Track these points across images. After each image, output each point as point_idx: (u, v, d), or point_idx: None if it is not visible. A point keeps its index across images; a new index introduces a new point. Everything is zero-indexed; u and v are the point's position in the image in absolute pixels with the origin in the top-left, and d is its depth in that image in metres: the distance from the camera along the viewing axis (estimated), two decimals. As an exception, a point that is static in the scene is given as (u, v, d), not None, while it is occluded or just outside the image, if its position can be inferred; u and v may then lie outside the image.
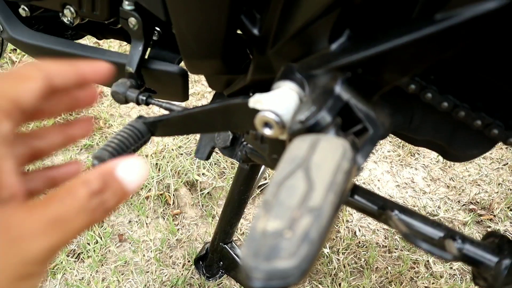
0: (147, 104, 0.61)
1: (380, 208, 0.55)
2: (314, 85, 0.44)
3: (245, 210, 1.08)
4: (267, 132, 0.43)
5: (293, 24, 0.44)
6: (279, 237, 0.28)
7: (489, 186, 1.22)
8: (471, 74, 0.50)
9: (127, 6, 0.60)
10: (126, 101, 0.62)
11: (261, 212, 0.31)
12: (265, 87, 0.49)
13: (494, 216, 1.15)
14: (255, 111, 0.44)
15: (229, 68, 0.57)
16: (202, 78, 1.58)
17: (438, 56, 0.35)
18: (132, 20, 0.60)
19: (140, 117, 0.57)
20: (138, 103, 0.61)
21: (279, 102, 0.43)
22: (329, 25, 0.41)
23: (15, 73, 0.26)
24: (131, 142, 0.53)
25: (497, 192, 1.20)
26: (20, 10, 0.74)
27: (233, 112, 0.50)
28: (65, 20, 0.72)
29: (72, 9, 0.67)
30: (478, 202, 1.18)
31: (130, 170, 0.26)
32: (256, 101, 0.44)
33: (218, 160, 1.27)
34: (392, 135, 0.70)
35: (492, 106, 0.52)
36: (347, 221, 1.12)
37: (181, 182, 1.21)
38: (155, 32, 0.68)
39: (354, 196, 0.57)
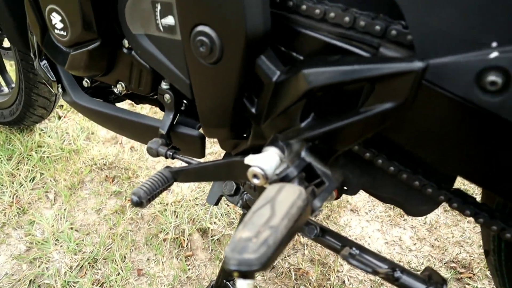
0: (172, 158, 0.81)
1: (342, 245, 0.71)
2: (290, 150, 0.63)
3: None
4: (255, 181, 0.62)
5: (277, 108, 0.64)
6: (248, 241, 0.46)
7: (470, 247, 1.35)
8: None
9: (164, 85, 0.82)
10: (157, 154, 0.82)
11: (240, 227, 0.49)
12: (260, 150, 0.68)
13: (474, 274, 1.27)
14: (249, 166, 0.63)
15: (235, 135, 0.77)
16: (220, 138, 1.79)
17: (363, 135, 0.54)
18: (167, 96, 0.82)
19: (167, 167, 0.76)
20: (166, 157, 0.82)
21: (265, 161, 0.62)
22: (299, 109, 0.61)
23: None
24: (159, 185, 0.73)
25: (478, 253, 1.33)
26: (84, 82, 0.98)
27: (234, 166, 0.69)
28: (115, 90, 0.94)
29: (123, 84, 0.90)
30: (459, 261, 1.31)
31: None
32: (249, 159, 0.63)
33: (228, 211, 1.45)
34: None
35: (429, 173, 0.70)
36: (338, 271, 1.26)
37: (195, 228, 1.39)
38: (183, 103, 0.90)
39: (325, 236, 0.74)
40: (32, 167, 1.60)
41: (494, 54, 0.47)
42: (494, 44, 0.48)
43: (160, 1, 0.68)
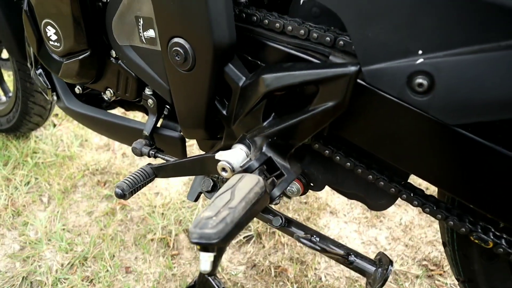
0: (155, 157, 0.90)
1: (306, 233, 0.79)
2: (255, 146, 0.71)
3: (229, 252, 1.33)
4: (224, 174, 0.70)
5: (243, 109, 0.72)
6: (209, 219, 0.54)
7: (442, 247, 1.42)
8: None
9: (147, 91, 0.91)
10: (141, 154, 0.90)
11: (206, 208, 0.57)
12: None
13: (444, 271, 1.35)
14: (218, 161, 0.71)
15: (210, 136, 0.85)
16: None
17: (312, 131, 0.63)
18: (150, 101, 0.91)
19: (149, 164, 0.84)
20: (149, 156, 0.90)
21: (232, 156, 0.70)
22: (261, 110, 0.69)
23: None
24: (141, 179, 0.80)
25: (448, 253, 1.40)
26: (76, 89, 1.06)
27: (206, 161, 0.77)
28: (105, 97, 1.03)
29: (111, 91, 0.98)
30: (430, 259, 1.38)
31: None
32: (219, 155, 0.71)
33: (214, 213, 1.52)
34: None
35: (381, 167, 0.78)
36: (315, 268, 1.33)
37: (181, 229, 1.46)
38: (166, 108, 0.98)
39: (290, 226, 0.82)
40: (27, 172, 1.67)
41: (419, 60, 0.56)
42: (420, 52, 0.56)
43: (142, 16, 0.77)
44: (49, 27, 0.91)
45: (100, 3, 0.84)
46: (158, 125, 0.95)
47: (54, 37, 0.91)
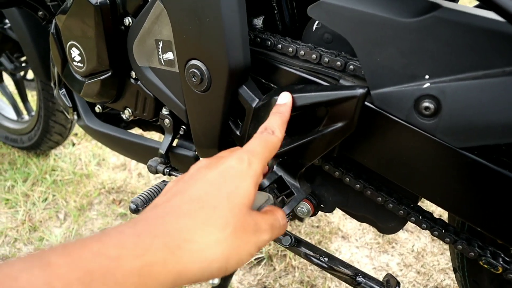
0: (169, 175, 0.92)
1: (315, 253, 0.80)
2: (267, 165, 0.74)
3: (239, 274, 1.33)
4: (235, 191, 0.72)
5: (256, 130, 0.75)
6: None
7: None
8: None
9: (164, 111, 0.94)
10: (156, 172, 0.93)
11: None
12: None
13: (456, 300, 1.32)
14: (230, 179, 0.73)
15: (224, 154, 0.88)
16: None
17: (322, 151, 0.65)
18: (167, 120, 0.94)
19: (163, 180, 0.87)
20: (163, 174, 0.92)
21: (244, 174, 0.72)
22: (273, 131, 0.72)
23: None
24: (155, 195, 0.83)
25: (462, 281, 1.38)
26: (96, 108, 1.11)
27: (219, 179, 0.79)
28: (123, 116, 1.06)
29: (130, 110, 1.02)
30: (443, 287, 1.36)
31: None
32: (231, 173, 0.74)
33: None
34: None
35: (391, 189, 0.79)
36: (326, 292, 1.33)
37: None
38: (182, 128, 1.01)
39: (300, 246, 0.83)
40: (46, 189, 1.72)
41: (426, 85, 0.58)
42: (427, 77, 0.58)
43: (162, 39, 0.81)
44: (73, 48, 0.96)
45: (122, 27, 0.89)
46: (174, 144, 0.98)
47: (78, 58, 0.96)
